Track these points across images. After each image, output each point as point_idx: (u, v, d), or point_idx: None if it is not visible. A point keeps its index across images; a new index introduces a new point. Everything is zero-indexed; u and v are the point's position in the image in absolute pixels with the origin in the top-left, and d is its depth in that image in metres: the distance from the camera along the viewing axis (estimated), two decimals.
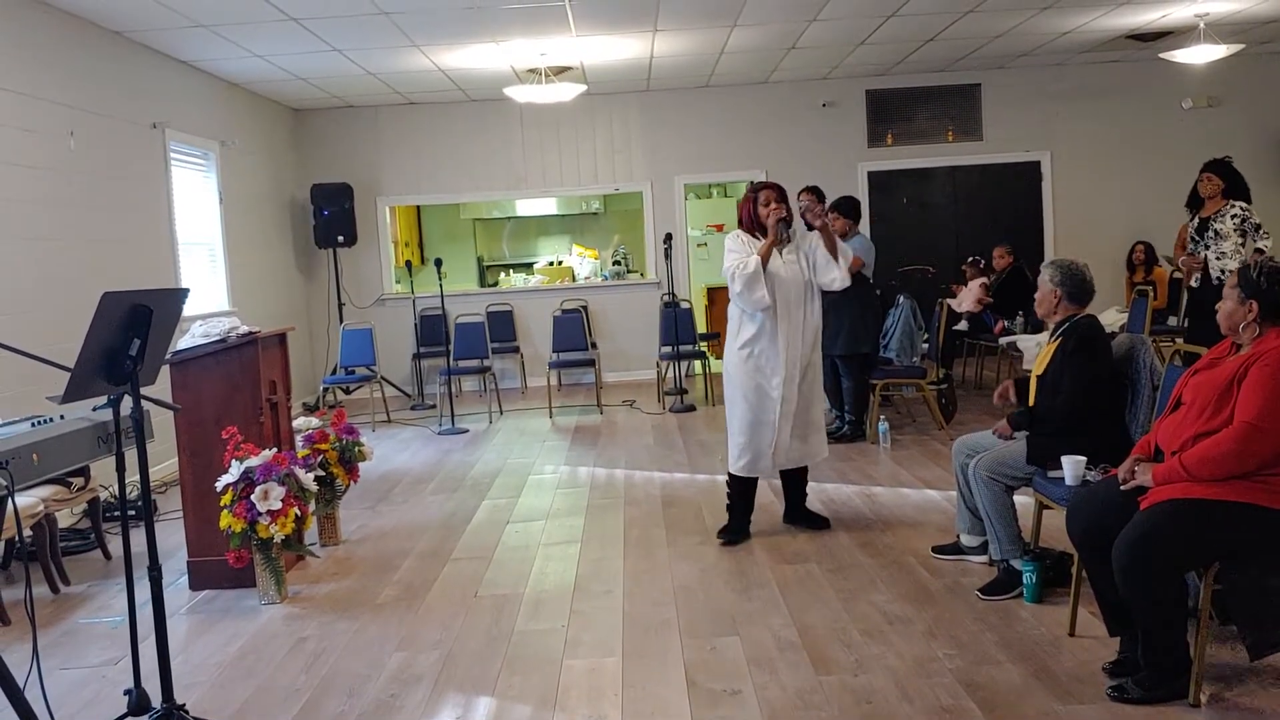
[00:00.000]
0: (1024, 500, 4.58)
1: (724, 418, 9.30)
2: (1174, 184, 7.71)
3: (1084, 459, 4.08)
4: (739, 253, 5.38)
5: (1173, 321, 9.68)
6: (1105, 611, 3.69)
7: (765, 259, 5.33)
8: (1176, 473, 3.38)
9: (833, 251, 5.46)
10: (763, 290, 5.29)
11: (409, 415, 10.69)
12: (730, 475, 5.60)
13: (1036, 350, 4.74)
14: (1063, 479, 4.11)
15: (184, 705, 3.40)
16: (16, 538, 5.17)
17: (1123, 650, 3.64)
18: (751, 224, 5.52)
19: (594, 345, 11.73)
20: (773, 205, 5.41)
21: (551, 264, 14.24)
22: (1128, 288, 10.94)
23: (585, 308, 12.10)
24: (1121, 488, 3.57)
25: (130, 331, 3.16)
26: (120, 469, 3.34)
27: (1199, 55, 9.83)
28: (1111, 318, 9.51)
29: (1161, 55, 10.38)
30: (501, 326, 12.08)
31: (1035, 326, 9.20)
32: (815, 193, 8.83)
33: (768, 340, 5.40)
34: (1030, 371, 4.68)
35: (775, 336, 5.39)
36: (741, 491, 5.62)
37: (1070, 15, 9.48)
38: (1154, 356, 4.31)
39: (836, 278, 5.47)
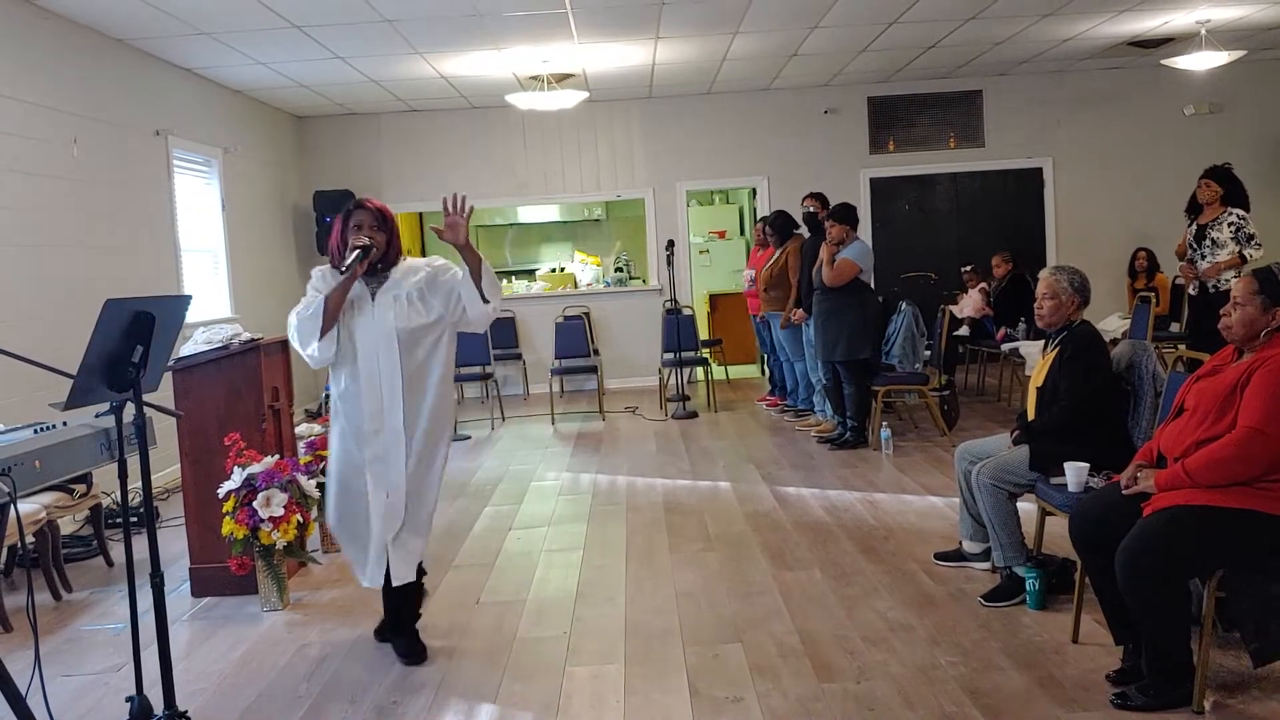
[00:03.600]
0: (1027, 507, 4.57)
1: (725, 424, 9.32)
2: (1176, 190, 7.72)
3: (1087, 465, 4.08)
4: (319, 292, 4.09)
5: (1175, 328, 9.67)
6: (1109, 618, 3.69)
7: (337, 300, 4.04)
8: (1180, 479, 3.38)
9: (477, 278, 4.09)
10: (316, 342, 4.02)
11: None
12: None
13: (1039, 357, 4.73)
14: (1065, 485, 4.11)
15: (186, 712, 3.40)
16: (19, 544, 5.17)
17: (1127, 658, 3.63)
18: (341, 254, 4.14)
19: (596, 352, 11.73)
20: (364, 230, 4.08)
21: (554, 270, 14.25)
22: (1130, 294, 10.94)
23: (587, 314, 12.10)
24: (1124, 494, 3.57)
25: (133, 338, 3.15)
26: (122, 476, 3.33)
27: (1200, 62, 9.84)
28: (1114, 324, 9.51)
29: (1163, 62, 10.40)
30: (503, 333, 12.08)
31: (1038, 333, 9.20)
32: (819, 199, 8.89)
33: (353, 403, 4.13)
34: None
35: (360, 400, 4.11)
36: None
37: (1071, 22, 9.49)
38: (1156, 363, 4.31)
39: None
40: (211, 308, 9.36)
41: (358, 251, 4.00)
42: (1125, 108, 12.15)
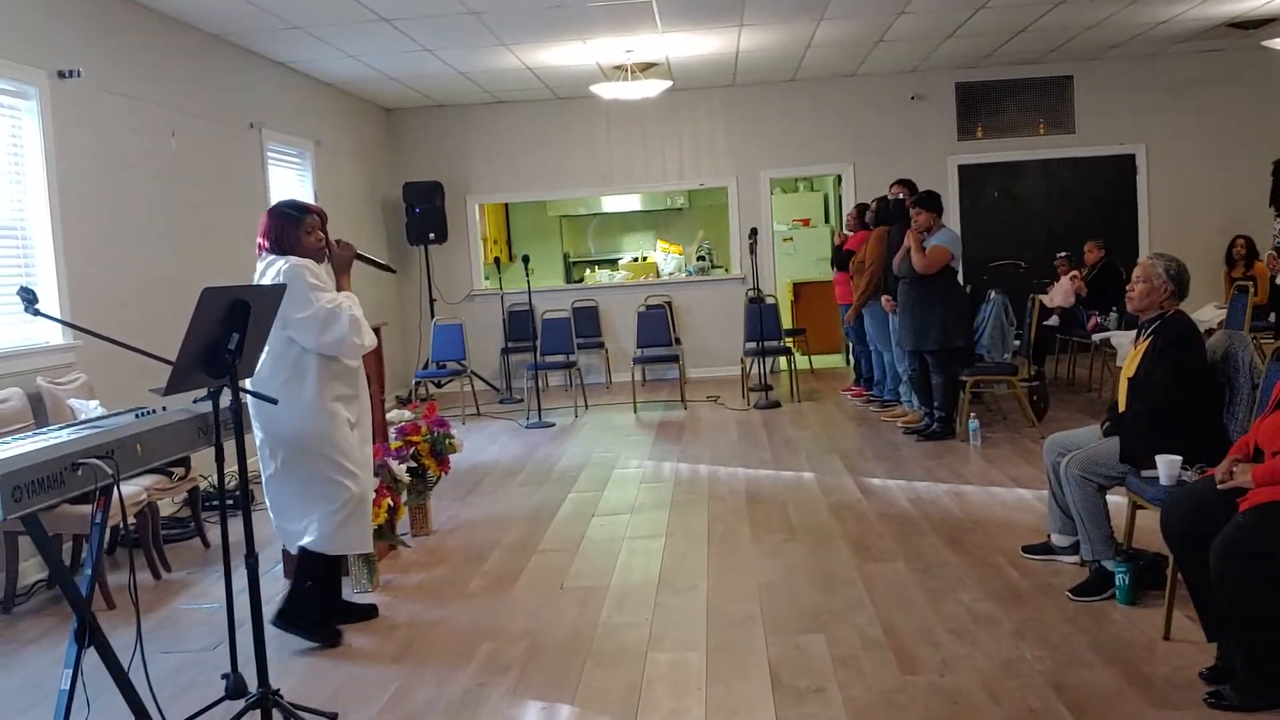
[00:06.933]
0: (1117, 500, 4.48)
1: (809, 415, 9.24)
2: None
3: (1179, 458, 3.99)
4: (326, 288, 4.29)
5: (1274, 318, 9.37)
6: (1202, 615, 3.60)
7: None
8: (1278, 474, 3.29)
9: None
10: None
11: (497, 409, 10.82)
12: (311, 558, 4.39)
13: (1131, 347, 4.62)
14: (1157, 478, 4.02)
15: (278, 690, 3.49)
16: (121, 525, 5.36)
17: (1221, 656, 3.54)
18: (294, 252, 4.34)
19: (678, 341, 11.74)
20: (320, 234, 4.43)
21: (636, 260, 14.28)
22: (1226, 283, 10.63)
23: (669, 303, 12.11)
24: (1219, 488, 3.48)
25: (229, 326, 3.25)
26: (219, 460, 3.43)
27: None
28: (1210, 314, 9.25)
29: (1264, 44, 10.06)
30: (587, 322, 12.16)
31: (1129, 322, 8.98)
32: (907, 186, 8.78)
33: (361, 388, 4.50)
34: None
35: (359, 381, 4.50)
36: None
37: (1167, 4, 9.23)
38: (1254, 354, 4.19)
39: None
40: None
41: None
42: (1223, 92, 11.79)
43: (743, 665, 3.92)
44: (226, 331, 3.25)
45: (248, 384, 4.14)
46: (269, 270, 4.28)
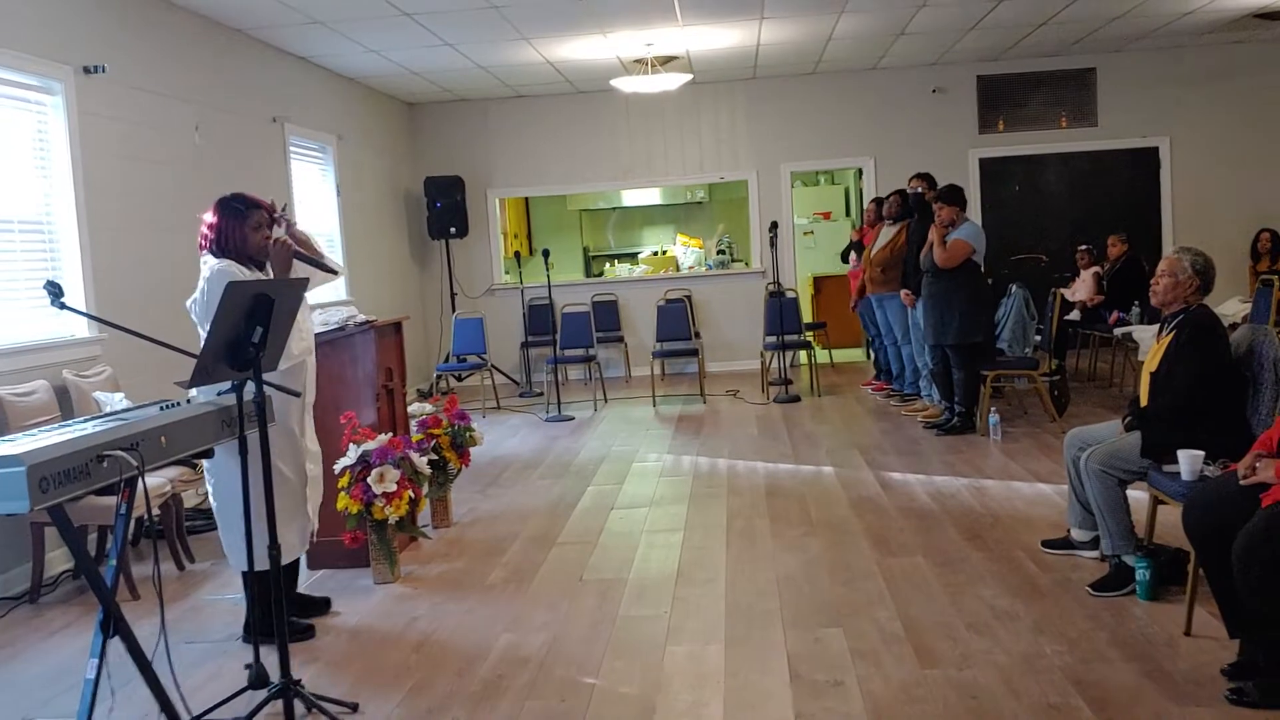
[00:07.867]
0: (1138, 495, 4.47)
1: (829, 409, 9.23)
2: None
3: (1201, 453, 3.97)
4: None
5: None
6: (1225, 612, 3.59)
7: None
8: None
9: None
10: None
11: (517, 402, 10.86)
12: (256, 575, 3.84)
13: (1153, 341, 4.60)
14: (1179, 473, 4.01)
15: (300, 681, 3.52)
16: (146, 516, 5.41)
17: (1243, 652, 3.53)
18: (239, 249, 4.14)
19: (697, 335, 11.75)
20: (266, 231, 4.20)
21: (656, 253, 14.29)
22: (1251, 277, 10.56)
23: (689, 297, 12.11)
24: (1241, 483, 3.47)
25: (253, 320, 3.28)
26: (243, 452, 3.47)
27: None
28: (1234, 308, 9.19)
29: None
30: (606, 316, 12.18)
31: (1152, 317, 8.93)
32: (927, 179, 8.75)
33: (296, 404, 4.32)
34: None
35: (298, 383, 4.31)
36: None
37: None
38: (1278, 349, 4.16)
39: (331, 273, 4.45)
40: (327, 290, 9.54)
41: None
42: (1249, 84, 11.69)
43: (761, 658, 3.93)
44: (250, 325, 3.28)
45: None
46: (202, 272, 4.11)
